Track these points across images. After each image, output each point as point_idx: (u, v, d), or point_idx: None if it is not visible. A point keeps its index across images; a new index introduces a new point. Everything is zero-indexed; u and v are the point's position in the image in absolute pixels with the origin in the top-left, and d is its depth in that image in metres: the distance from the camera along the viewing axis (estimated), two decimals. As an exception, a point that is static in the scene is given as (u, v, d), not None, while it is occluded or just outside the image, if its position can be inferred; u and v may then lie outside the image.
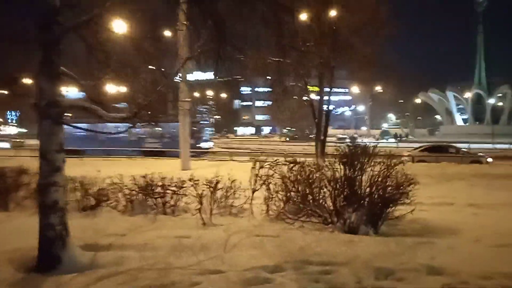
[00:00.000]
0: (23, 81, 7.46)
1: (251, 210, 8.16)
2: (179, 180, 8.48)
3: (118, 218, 7.78)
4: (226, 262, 4.97)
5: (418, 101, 78.86)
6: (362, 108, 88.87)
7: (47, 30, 5.13)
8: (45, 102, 5.17)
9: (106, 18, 6.05)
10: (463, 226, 6.90)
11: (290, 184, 7.77)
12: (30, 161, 8.82)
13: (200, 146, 33.46)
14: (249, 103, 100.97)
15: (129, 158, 28.87)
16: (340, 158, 7.34)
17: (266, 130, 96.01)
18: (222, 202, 8.52)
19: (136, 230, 6.76)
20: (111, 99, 7.41)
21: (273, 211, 7.77)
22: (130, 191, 8.56)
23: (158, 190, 8.48)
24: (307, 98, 19.81)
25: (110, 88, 7.10)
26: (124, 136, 34.29)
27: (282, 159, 8.82)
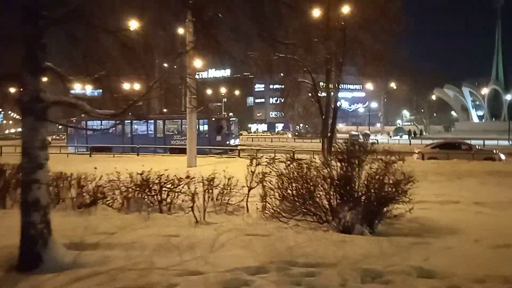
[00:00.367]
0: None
1: (247, 208, 8.01)
2: (176, 177, 8.37)
3: (112, 216, 7.70)
4: (209, 263, 4.82)
5: (433, 97, 77.47)
6: (376, 105, 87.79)
7: (30, 23, 5.04)
8: (28, 97, 5.08)
9: (94, 11, 5.96)
10: (464, 225, 6.62)
11: (286, 182, 7.58)
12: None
13: (229, 143, 32.26)
14: (262, 100, 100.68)
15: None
16: (336, 156, 7.14)
17: (280, 127, 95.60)
18: (219, 200, 8.42)
19: (127, 228, 6.67)
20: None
21: (268, 210, 7.59)
22: (127, 189, 8.49)
23: (154, 188, 8.41)
24: (314, 94, 19.52)
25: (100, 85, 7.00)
26: (150, 133, 34.42)
27: (282, 157, 8.66)
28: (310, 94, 20.39)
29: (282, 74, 21.85)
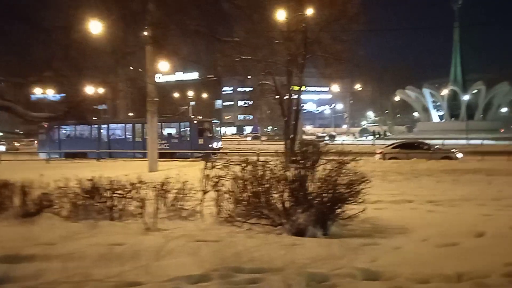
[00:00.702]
0: None
1: (202, 213, 7.80)
2: (129, 182, 8.06)
3: (58, 225, 7.30)
4: (151, 272, 4.59)
5: (397, 98, 79.57)
6: (342, 106, 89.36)
7: None
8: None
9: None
10: (415, 224, 6.67)
11: (241, 184, 7.43)
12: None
13: (211, 146, 30.42)
14: (231, 103, 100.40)
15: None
16: (290, 157, 7.05)
17: (248, 129, 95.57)
18: (173, 205, 8.17)
19: (70, 238, 6.31)
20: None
21: (223, 214, 7.41)
22: (75, 196, 8.10)
23: (105, 194, 8.06)
24: (276, 96, 19.51)
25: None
26: (128, 137, 32.47)
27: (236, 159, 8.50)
28: (273, 96, 20.35)
29: (249, 77, 21.74)
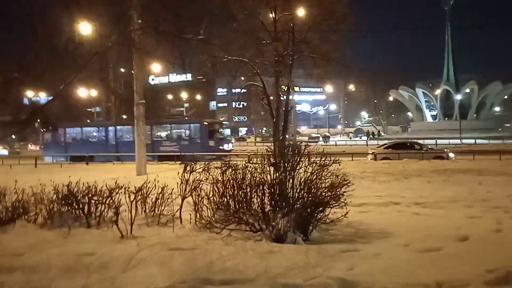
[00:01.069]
0: None
1: (180, 219, 7.55)
2: (108, 188, 7.79)
3: (30, 234, 7.01)
4: (116, 285, 4.35)
5: (390, 98, 79.70)
6: (336, 107, 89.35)
7: None
8: None
9: None
10: (398, 228, 6.46)
11: (221, 189, 7.20)
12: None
13: (222, 148, 29.69)
14: (225, 105, 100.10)
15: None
16: (269, 160, 6.83)
17: (243, 131, 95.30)
18: (153, 210, 7.93)
19: (40, 247, 6.05)
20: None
21: (201, 220, 7.17)
22: (51, 202, 7.83)
23: (82, 200, 7.80)
24: (264, 97, 19.31)
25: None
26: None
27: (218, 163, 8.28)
28: (261, 97, 20.15)
29: (242, 78, 21.51)
